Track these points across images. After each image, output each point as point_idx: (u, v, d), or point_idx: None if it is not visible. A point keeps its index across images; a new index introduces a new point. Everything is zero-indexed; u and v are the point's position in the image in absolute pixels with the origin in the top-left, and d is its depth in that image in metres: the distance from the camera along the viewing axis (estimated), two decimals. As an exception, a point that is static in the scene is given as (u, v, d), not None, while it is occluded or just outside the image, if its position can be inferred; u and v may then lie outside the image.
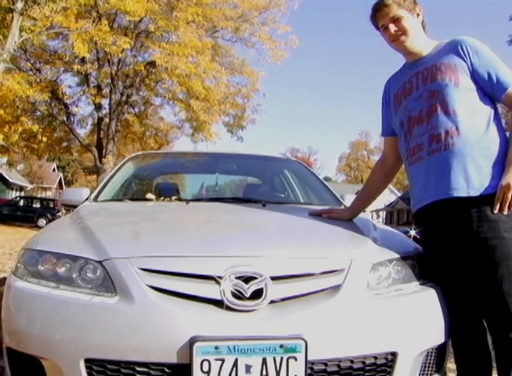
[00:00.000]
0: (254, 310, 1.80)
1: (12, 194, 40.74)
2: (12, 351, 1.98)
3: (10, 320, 2.00)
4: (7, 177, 39.24)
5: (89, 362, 1.79)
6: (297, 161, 4.47)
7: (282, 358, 1.74)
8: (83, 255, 1.99)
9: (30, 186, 45.53)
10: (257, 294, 1.81)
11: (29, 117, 20.60)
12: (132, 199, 3.38)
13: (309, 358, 1.75)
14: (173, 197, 3.28)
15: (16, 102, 18.97)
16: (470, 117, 2.17)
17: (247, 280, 1.83)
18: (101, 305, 1.83)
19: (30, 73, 19.33)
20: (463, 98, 2.19)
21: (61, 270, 1.99)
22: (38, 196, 38.40)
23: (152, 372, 1.77)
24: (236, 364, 1.72)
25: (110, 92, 20.73)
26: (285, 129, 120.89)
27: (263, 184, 4.33)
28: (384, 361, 1.93)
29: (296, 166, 4.30)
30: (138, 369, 1.77)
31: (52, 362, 1.85)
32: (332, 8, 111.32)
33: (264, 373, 1.74)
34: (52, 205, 28.15)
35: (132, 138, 23.77)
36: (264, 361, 1.73)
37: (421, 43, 2.36)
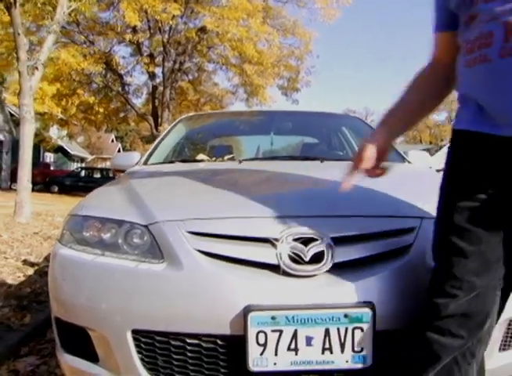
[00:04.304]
0: (314, 275, 1.60)
1: (74, 166, 41.89)
2: (59, 321, 1.89)
3: (56, 289, 1.90)
4: (68, 149, 40.29)
5: (136, 333, 1.66)
6: (356, 117, 4.24)
7: (346, 329, 1.54)
8: (128, 219, 1.84)
9: (90, 157, 46.63)
10: (317, 258, 1.60)
11: (85, 90, 20.93)
12: (183, 160, 3.24)
13: (377, 328, 1.55)
14: (225, 157, 3.12)
15: (71, 75, 19.25)
16: None
17: (306, 242, 1.62)
18: (147, 272, 1.68)
19: (84, 46, 19.52)
20: None
21: (106, 236, 1.85)
22: (98, 166, 39.23)
23: (203, 344, 1.61)
24: (295, 336, 1.53)
25: (163, 60, 20.68)
26: (340, 91, 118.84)
27: (320, 142, 4.11)
28: None
29: (355, 122, 4.07)
30: (188, 341, 1.62)
31: (98, 333, 1.73)
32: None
33: (326, 345, 1.55)
34: (111, 175, 28.71)
35: (187, 105, 23.71)
36: (327, 332, 1.54)
37: None
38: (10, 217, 9.51)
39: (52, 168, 34.86)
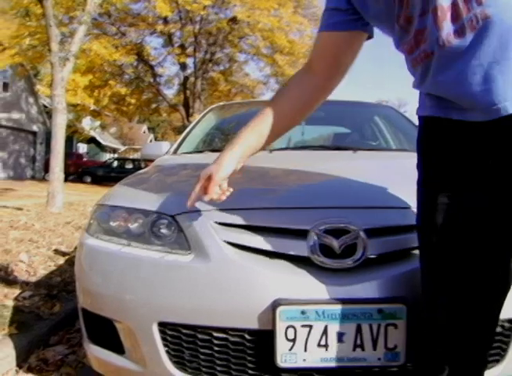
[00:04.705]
0: (346, 269, 1.54)
1: (106, 156, 42.33)
2: (86, 312, 1.87)
3: (83, 280, 1.88)
4: (100, 140, 40.74)
5: (163, 326, 1.62)
6: (389, 106, 4.13)
7: (379, 325, 1.47)
8: (155, 209, 1.80)
9: (122, 148, 47.03)
10: (349, 251, 1.54)
11: (117, 81, 21.11)
12: (213, 150, 3.19)
13: (411, 325, 1.48)
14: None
15: (103, 66, 19.43)
16: None
17: (338, 234, 1.55)
18: (174, 264, 1.64)
19: (116, 37, 19.70)
20: None
21: (133, 226, 1.82)
22: (130, 157, 39.54)
23: (230, 338, 1.57)
24: (325, 332, 1.47)
25: (194, 50, 20.75)
26: (372, 80, 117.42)
27: (352, 132, 4.01)
28: (499, 329, 1.60)
29: (387, 111, 3.96)
30: (215, 335, 1.58)
31: (124, 325, 1.70)
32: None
33: (358, 342, 1.48)
34: (143, 165, 28.92)
35: (218, 95, 23.73)
36: (358, 328, 1.47)
37: None
38: (43, 207, 9.63)
39: (84, 159, 35.29)
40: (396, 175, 2.15)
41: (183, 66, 21.21)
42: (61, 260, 4.88)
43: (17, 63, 19.05)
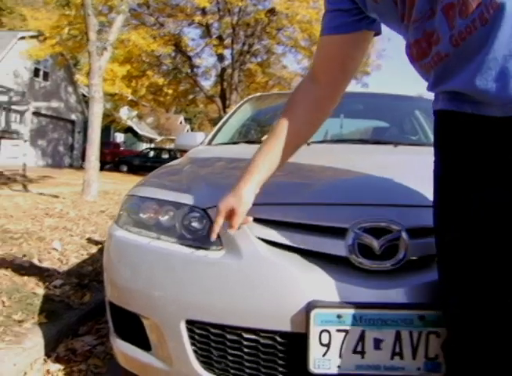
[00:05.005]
0: (386, 271, 1.44)
1: (143, 146, 42.72)
2: (113, 305, 1.82)
3: (110, 272, 1.84)
4: (137, 130, 41.15)
5: (191, 324, 1.55)
6: (431, 100, 3.98)
7: (420, 333, 1.38)
8: (187, 202, 1.72)
9: (159, 138, 47.38)
10: (390, 252, 1.44)
11: (154, 71, 21.23)
12: (248, 142, 3.10)
13: None
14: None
15: (141, 56, 19.56)
16: None
17: (379, 233, 1.46)
18: (204, 260, 1.56)
19: (154, 27, 19.79)
20: None
21: (163, 219, 1.75)
22: (167, 147, 39.72)
23: (261, 340, 1.49)
24: (362, 337, 1.38)
25: (232, 42, 20.72)
26: (412, 75, 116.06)
27: (392, 126, 3.88)
28: None
29: (429, 105, 3.81)
30: (245, 336, 1.50)
31: (151, 321, 1.64)
32: None
33: (397, 350, 1.39)
34: (179, 156, 29.01)
35: (255, 87, 23.61)
36: (397, 335, 1.38)
37: None
38: (79, 195, 9.73)
39: (121, 148, 35.64)
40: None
41: (221, 58, 21.20)
42: (93, 249, 4.88)
43: (57, 53, 19.25)
